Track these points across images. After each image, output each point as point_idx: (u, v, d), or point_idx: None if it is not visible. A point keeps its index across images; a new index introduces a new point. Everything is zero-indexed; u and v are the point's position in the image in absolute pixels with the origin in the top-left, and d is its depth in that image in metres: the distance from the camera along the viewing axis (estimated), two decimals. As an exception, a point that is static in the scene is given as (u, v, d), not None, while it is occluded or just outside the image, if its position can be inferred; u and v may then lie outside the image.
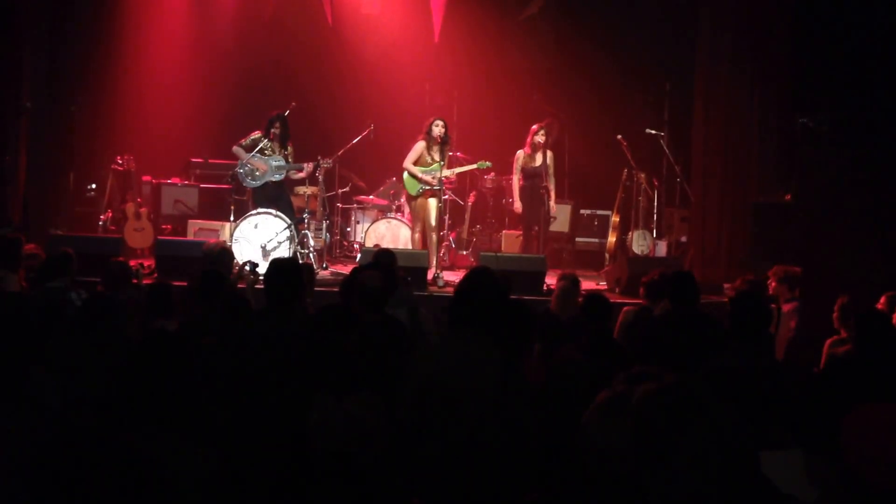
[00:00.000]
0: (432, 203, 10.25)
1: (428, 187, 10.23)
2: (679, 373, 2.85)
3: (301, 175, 10.41)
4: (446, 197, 10.68)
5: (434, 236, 10.27)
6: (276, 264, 5.24)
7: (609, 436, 2.54)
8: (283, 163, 10.17)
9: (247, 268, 8.13)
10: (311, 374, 4.14)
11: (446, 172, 10.29)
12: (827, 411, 3.64)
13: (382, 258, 6.66)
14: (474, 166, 10.85)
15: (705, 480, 2.25)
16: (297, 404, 3.92)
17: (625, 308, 7.01)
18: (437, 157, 10.20)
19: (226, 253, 8.07)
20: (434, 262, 10.11)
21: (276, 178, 10.18)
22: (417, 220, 10.42)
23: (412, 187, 10.36)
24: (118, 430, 3.10)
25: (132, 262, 8.38)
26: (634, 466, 2.36)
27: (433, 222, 10.25)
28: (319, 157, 10.47)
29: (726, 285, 10.04)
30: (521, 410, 3.91)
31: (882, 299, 6.48)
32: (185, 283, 6.86)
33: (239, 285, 7.41)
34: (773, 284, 7.53)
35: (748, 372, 3.90)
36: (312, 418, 3.79)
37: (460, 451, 3.76)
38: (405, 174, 10.39)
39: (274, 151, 10.19)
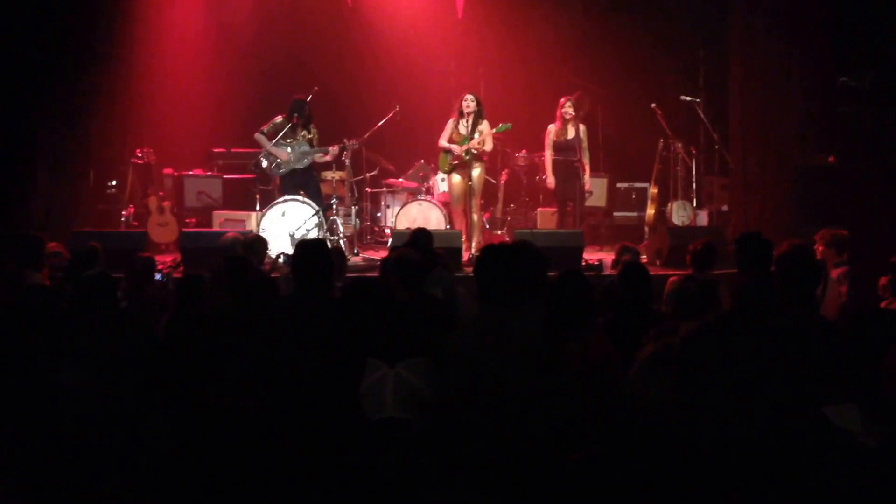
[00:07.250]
0: (464, 177, 9.97)
1: (457, 159, 9.97)
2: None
3: (327, 158, 10.25)
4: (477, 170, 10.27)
5: (475, 215, 10.04)
6: (303, 245, 5.22)
7: (655, 388, 2.55)
8: (307, 148, 10.01)
9: (280, 259, 8.03)
10: (362, 341, 4.15)
11: (468, 145, 9.96)
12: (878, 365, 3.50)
13: (420, 237, 6.67)
14: (493, 131, 10.06)
15: (751, 415, 2.20)
16: (343, 376, 3.96)
17: (671, 278, 6.83)
18: (464, 132, 9.97)
19: (259, 241, 7.99)
20: (473, 241, 9.96)
21: (302, 165, 10.03)
22: (457, 199, 10.18)
23: (444, 164, 10.23)
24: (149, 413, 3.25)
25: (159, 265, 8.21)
26: (679, 413, 2.33)
27: (471, 198, 9.96)
28: (345, 140, 10.30)
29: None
30: (562, 389, 3.74)
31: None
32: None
33: (273, 275, 7.32)
34: (821, 248, 7.26)
35: (798, 330, 3.83)
36: (364, 384, 3.82)
37: (501, 431, 3.66)
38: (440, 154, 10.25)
39: (297, 136, 10.01)
